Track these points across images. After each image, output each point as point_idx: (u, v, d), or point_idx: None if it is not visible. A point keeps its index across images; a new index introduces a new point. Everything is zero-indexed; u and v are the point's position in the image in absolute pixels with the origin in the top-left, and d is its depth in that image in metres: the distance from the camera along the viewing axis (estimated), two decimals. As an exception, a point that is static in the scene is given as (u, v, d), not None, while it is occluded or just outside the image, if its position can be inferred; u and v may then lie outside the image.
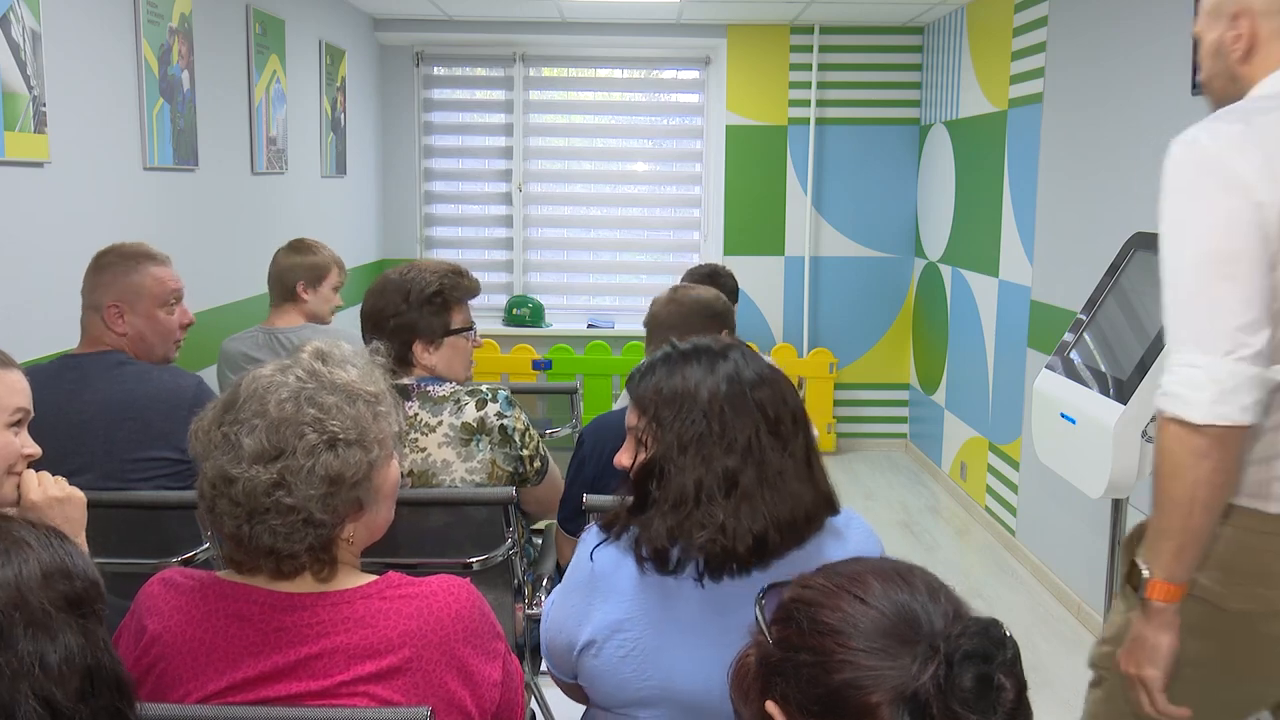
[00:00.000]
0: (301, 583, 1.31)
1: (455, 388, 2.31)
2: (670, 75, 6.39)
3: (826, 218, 6.16)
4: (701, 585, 1.44)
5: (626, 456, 1.53)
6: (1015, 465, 4.57)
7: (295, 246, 3.29)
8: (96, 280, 2.33)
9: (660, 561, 1.44)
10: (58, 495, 1.60)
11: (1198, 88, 2.12)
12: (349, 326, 3.30)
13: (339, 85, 5.28)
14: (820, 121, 6.07)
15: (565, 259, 6.51)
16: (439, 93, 6.33)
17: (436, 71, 6.29)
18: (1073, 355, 2.90)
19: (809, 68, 6.02)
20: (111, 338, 2.32)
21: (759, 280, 6.14)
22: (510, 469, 2.28)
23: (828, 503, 1.50)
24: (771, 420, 1.46)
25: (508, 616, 2.33)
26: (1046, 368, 3.00)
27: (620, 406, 2.47)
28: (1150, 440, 2.44)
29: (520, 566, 2.34)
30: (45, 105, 2.71)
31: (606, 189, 6.40)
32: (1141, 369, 2.53)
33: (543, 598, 2.49)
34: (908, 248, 6.19)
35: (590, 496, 2.07)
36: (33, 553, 1.04)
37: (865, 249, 6.19)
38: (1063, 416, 2.79)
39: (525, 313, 6.25)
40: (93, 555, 1.24)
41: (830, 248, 6.19)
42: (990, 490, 4.91)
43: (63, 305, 2.54)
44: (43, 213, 2.77)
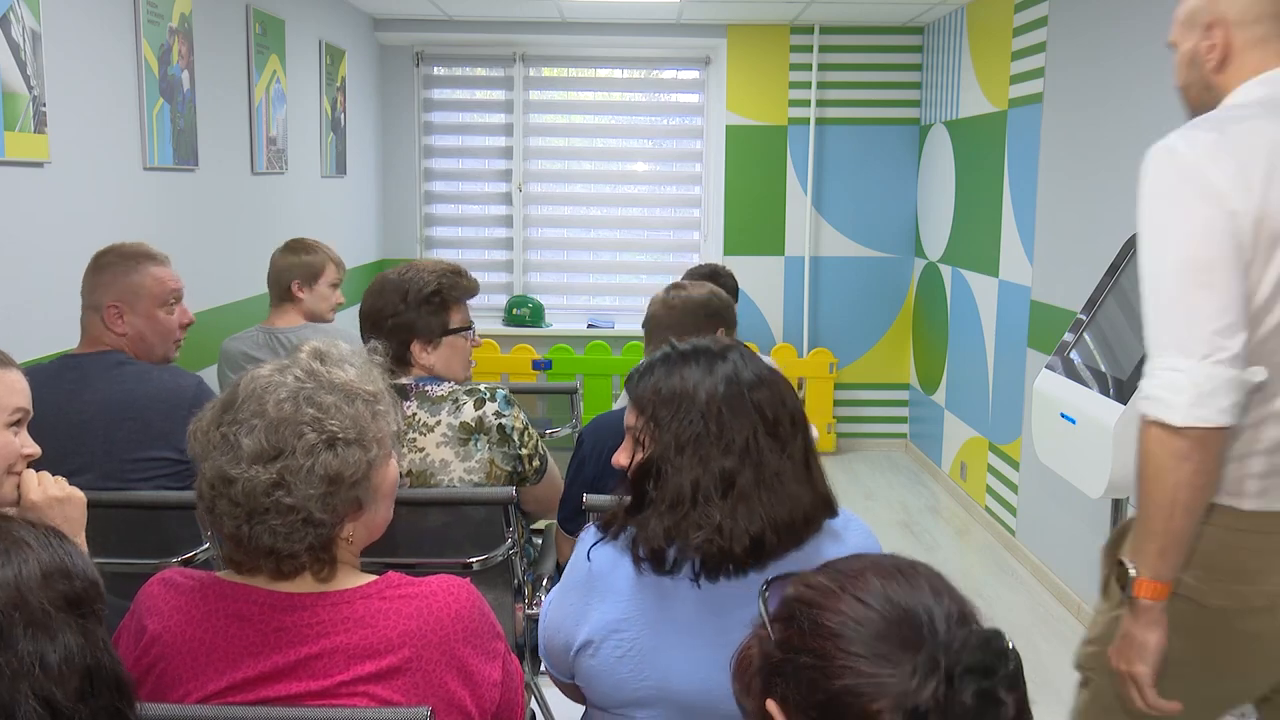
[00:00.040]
0: (301, 583, 1.31)
1: (454, 387, 2.30)
2: (670, 75, 6.39)
3: (826, 218, 6.16)
4: (698, 585, 1.44)
5: (624, 456, 1.53)
6: (1015, 465, 4.57)
7: (290, 246, 3.29)
8: (96, 280, 2.33)
9: (657, 561, 1.44)
10: (58, 495, 1.60)
11: None
12: (351, 326, 3.30)
13: (339, 85, 5.28)
14: (820, 121, 6.07)
15: (565, 259, 6.51)
16: (439, 93, 6.33)
17: (436, 71, 6.29)
18: (1073, 355, 2.90)
19: (809, 68, 6.02)
20: (111, 338, 2.32)
21: (759, 280, 6.14)
22: (509, 468, 2.28)
23: (826, 505, 1.50)
24: (769, 422, 1.46)
25: (508, 616, 2.33)
26: (1046, 368, 3.00)
27: (620, 406, 2.47)
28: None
29: (520, 566, 2.34)
30: (45, 105, 2.71)
31: (606, 189, 6.40)
32: (1141, 369, 2.52)
33: (543, 597, 2.49)
34: (908, 248, 6.19)
35: (590, 496, 2.07)
36: (32, 553, 1.04)
37: (865, 249, 6.19)
38: (1063, 416, 2.79)
39: (525, 313, 6.25)
40: (93, 555, 1.24)
41: (830, 248, 6.19)
42: (990, 490, 4.91)
43: (63, 305, 2.54)
44: (43, 213, 2.77)
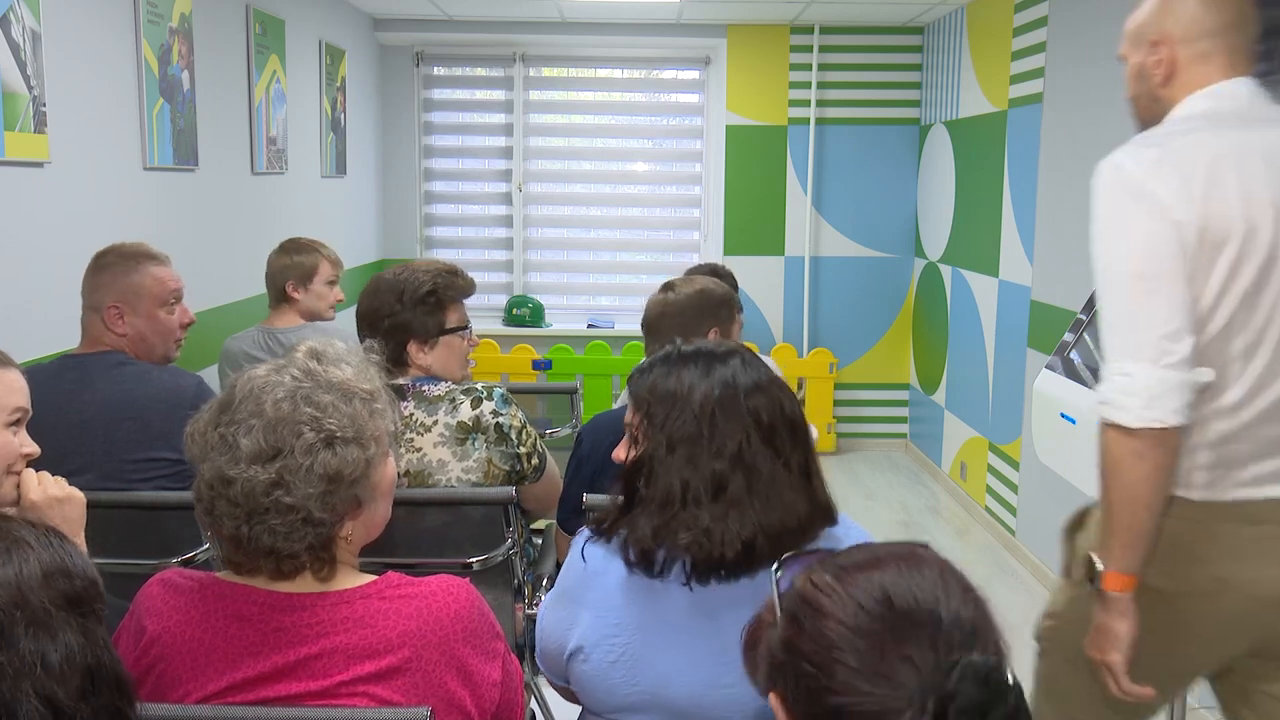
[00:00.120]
0: (301, 583, 1.32)
1: (451, 387, 2.30)
2: (670, 75, 6.39)
3: (826, 218, 6.16)
4: (689, 588, 1.44)
5: (623, 451, 1.54)
6: (1015, 465, 4.57)
7: (283, 248, 3.30)
8: (96, 280, 2.33)
9: (646, 564, 1.44)
10: (57, 495, 1.60)
11: None
12: (351, 325, 3.31)
13: (339, 85, 5.28)
14: (820, 121, 6.07)
15: (565, 259, 6.51)
16: (439, 93, 6.33)
17: (436, 71, 6.29)
18: (1073, 355, 2.90)
19: (809, 68, 6.02)
20: (112, 338, 2.32)
21: (759, 280, 6.14)
22: (507, 467, 2.28)
23: (825, 514, 1.49)
24: (765, 428, 1.45)
25: (508, 616, 2.33)
26: (1046, 368, 3.00)
27: (620, 406, 2.48)
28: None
29: (520, 566, 2.34)
30: (45, 105, 2.71)
31: (606, 189, 6.40)
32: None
33: (542, 597, 2.49)
34: (908, 248, 6.19)
35: (589, 496, 2.07)
36: (33, 552, 1.04)
37: (865, 249, 6.19)
38: (1063, 416, 2.79)
39: (525, 313, 6.25)
40: (93, 555, 1.24)
41: (830, 248, 6.19)
42: (990, 490, 4.91)
43: (63, 305, 2.54)
44: (43, 213, 2.77)
